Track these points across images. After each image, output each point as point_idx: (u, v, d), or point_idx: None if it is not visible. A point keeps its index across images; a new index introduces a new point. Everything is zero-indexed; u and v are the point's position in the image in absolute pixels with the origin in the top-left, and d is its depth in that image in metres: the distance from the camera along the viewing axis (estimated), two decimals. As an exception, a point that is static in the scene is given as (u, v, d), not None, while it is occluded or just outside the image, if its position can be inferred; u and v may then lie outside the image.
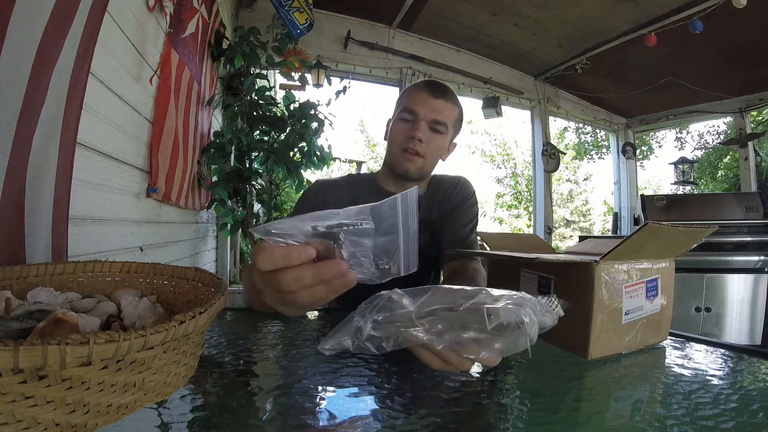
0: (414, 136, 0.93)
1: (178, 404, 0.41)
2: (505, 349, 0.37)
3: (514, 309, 0.36)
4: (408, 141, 0.94)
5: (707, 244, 2.62)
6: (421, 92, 0.96)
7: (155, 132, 1.57)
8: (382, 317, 0.38)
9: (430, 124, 0.94)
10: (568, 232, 10.27)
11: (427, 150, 0.95)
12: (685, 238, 0.61)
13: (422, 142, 0.93)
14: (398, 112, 0.98)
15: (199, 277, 0.52)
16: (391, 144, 0.99)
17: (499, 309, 0.36)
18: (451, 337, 0.37)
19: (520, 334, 0.36)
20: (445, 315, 0.37)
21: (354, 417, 0.40)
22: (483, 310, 0.36)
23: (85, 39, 0.86)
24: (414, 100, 0.96)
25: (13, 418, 0.28)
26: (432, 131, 0.95)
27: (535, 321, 0.37)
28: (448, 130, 0.97)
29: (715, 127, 6.86)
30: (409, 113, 0.95)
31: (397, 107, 1.01)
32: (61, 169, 0.80)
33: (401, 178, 0.98)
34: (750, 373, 0.54)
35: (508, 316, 0.36)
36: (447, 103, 0.96)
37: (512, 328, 0.36)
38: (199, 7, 1.95)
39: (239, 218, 2.53)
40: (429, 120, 0.94)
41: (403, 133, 0.95)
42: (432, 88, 0.97)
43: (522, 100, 4.18)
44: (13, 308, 0.41)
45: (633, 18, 3.01)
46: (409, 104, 0.96)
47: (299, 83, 2.99)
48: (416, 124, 0.94)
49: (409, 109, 0.95)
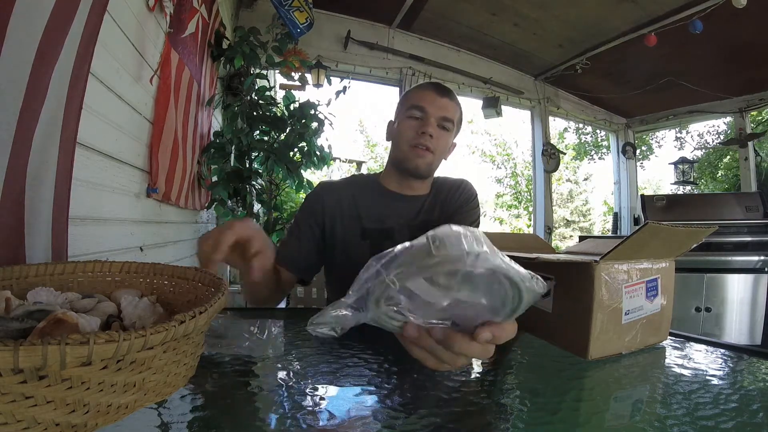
0: (425, 131, 0.95)
1: (178, 404, 0.41)
2: (491, 307, 0.34)
3: (484, 253, 0.32)
4: (419, 137, 0.95)
5: (707, 244, 2.62)
6: (428, 91, 0.99)
7: (155, 132, 1.57)
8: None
9: (439, 121, 0.97)
10: (568, 232, 10.27)
11: (437, 146, 0.97)
12: (685, 238, 0.61)
13: (432, 138, 0.95)
14: (405, 110, 0.99)
15: (199, 277, 0.52)
16: (399, 141, 1.00)
17: (444, 234, 0.33)
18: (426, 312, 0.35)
19: (502, 285, 0.33)
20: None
21: (354, 417, 0.40)
22: (427, 237, 0.33)
23: (85, 39, 0.86)
24: (422, 98, 0.98)
25: (13, 418, 0.28)
26: (440, 128, 0.97)
27: (515, 269, 0.34)
28: (453, 128, 1.00)
29: (715, 127, 6.86)
30: (419, 110, 0.97)
31: (401, 107, 1.03)
32: (61, 169, 0.80)
33: (409, 174, 0.99)
34: (750, 373, 0.54)
35: (455, 243, 0.32)
36: (452, 102, 0.99)
37: (490, 280, 0.33)
38: (199, 7, 1.94)
39: (239, 218, 2.53)
40: (438, 117, 0.96)
41: (413, 129, 0.97)
42: (437, 87, 1.00)
43: (522, 100, 4.18)
44: (13, 308, 0.41)
45: (633, 18, 3.01)
46: (417, 102, 0.98)
47: (299, 83, 2.99)
48: (426, 121, 0.96)
49: (418, 106, 0.97)
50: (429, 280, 0.33)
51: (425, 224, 1.00)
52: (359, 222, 1.00)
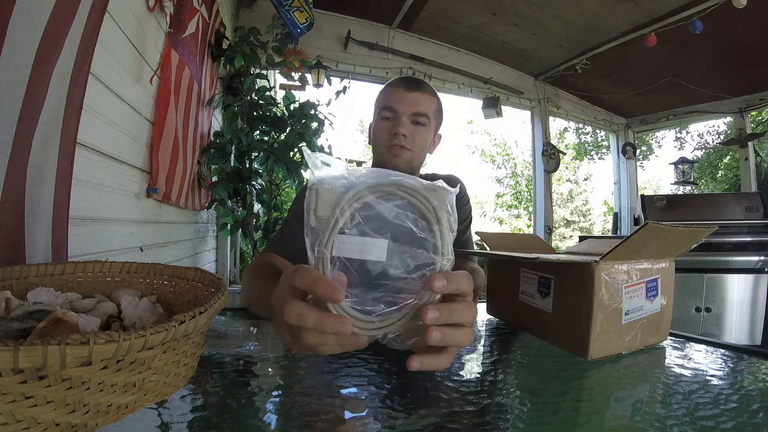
0: (397, 132, 0.93)
1: (178, 404, 0.41)
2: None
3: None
4: (392, 138, 0.94)
5: (707, 244, 2.62)
6: (397, 88, 0.97)
7: (155, 132, 1.57)
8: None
9: (412, 118, 0.95)
10: (568, 232, 10.28)
11: (413, 143, 0.95)
12: (685, 238, 0.61)
13: (406, 137, 0.94)
14: (378, 112, 0.98)
15: (199, 278, 0.52)
16: (376, 144, 0.99)
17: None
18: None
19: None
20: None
21: (354, 417, 0.40)
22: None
23: (85, 39, 0.86)
24: (391, 98, 0.96)
25: (13, 418, 0.28)
26: (414, 124, 0.95)
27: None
28: (430, 121, 0.97)
29: (715, 127, 6.86)
30: (389, 110, 0.95)
31: (375, 108, 1.01)
32: (61, 169, 0.80)
33: None
34: (750, 373, 0.54)
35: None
36: (424, 94, 0.96)
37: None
38: (199, 7, 1.94)
39: (239, 218, 2.53)
40: (409, 114, 0.94)
41: (386, 130, 0.95)
42: (406, 82, 0.97)
43: (522, 100, 4.17)
44: (13, 308, 0.41)
45: (633, 18, 3.01)
46: (387, 102, 0.96)
47: (299, 83, 2.99)
48: (398, 120, 0.94)
49: (387, 106, 0.95)
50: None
51: None
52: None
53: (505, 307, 0.76)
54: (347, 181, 0.34)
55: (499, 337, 0.70)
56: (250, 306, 0.74)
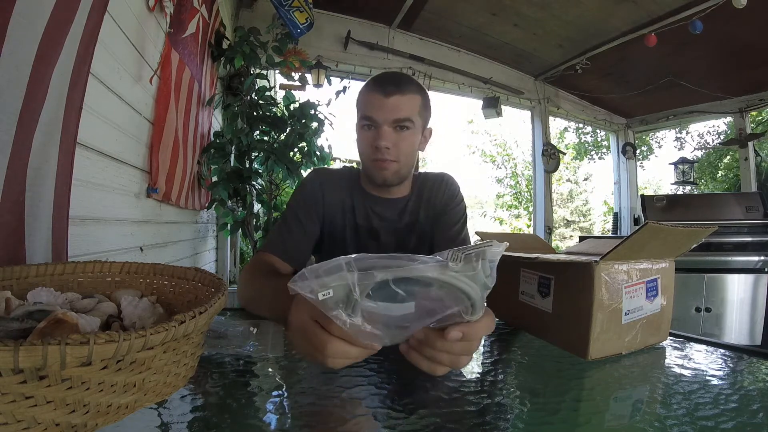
0: (379, 146, 0.86)
1: (178, 404, 0.41)
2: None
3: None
4: (375, 152, 0.87)
5: (707, 244, 2.62)
6: (374, 94, 0.87)
7: (155, 132, 1.57)
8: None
9: (393, 125, 0.87)
10: (568, 232, 10.27)
11: (398, 153, 0.88)
12: (685, 238, 0.61)
13: (390, 149, 0.87)
14: (359, 120, 0.91)
15: (199, 278, 0.52)
16: (361, 156, 0.93)
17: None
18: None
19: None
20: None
21: (354, 417, 0.40)
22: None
23: (85, 39, 0.86)
24: (369, 106, 0.88)
25: (13, 418, 0.28)
26: (398, 131, 0.87)
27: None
28: (414, 123, 0.89)
29: (715, 127, 6.86)
30: (368, 120, 0.88)
31: (357, 112, 0.93)
32: (61, 169, 0.80)
33: (381, 186, 0.94)
34: (750, 373, 0.54)
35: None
36: (404, 96, 0.86)
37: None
38: (199, 7, 1.95)
39: (239, 218, 2.53)
40: (390, 122, 0.86)
41: (368, 144, 0.89)
42: (384, 85, 0.87)
43: (522, 100, 4.17)
44: (13, 308, 0.41)
45: (633, 18, 3.01)
46: (365, 111, 0.88)
47: (299, 83, 2.99)
48: (378, 131, 0.87)
49: (366, 116, 0.88)
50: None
51: (411, 226, 0.97)
52: (353, 215, 0.97)
53: (505, 307, 0.76)
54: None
55: (499, 337, 0.70)
56: (249, 305, 0.74)
